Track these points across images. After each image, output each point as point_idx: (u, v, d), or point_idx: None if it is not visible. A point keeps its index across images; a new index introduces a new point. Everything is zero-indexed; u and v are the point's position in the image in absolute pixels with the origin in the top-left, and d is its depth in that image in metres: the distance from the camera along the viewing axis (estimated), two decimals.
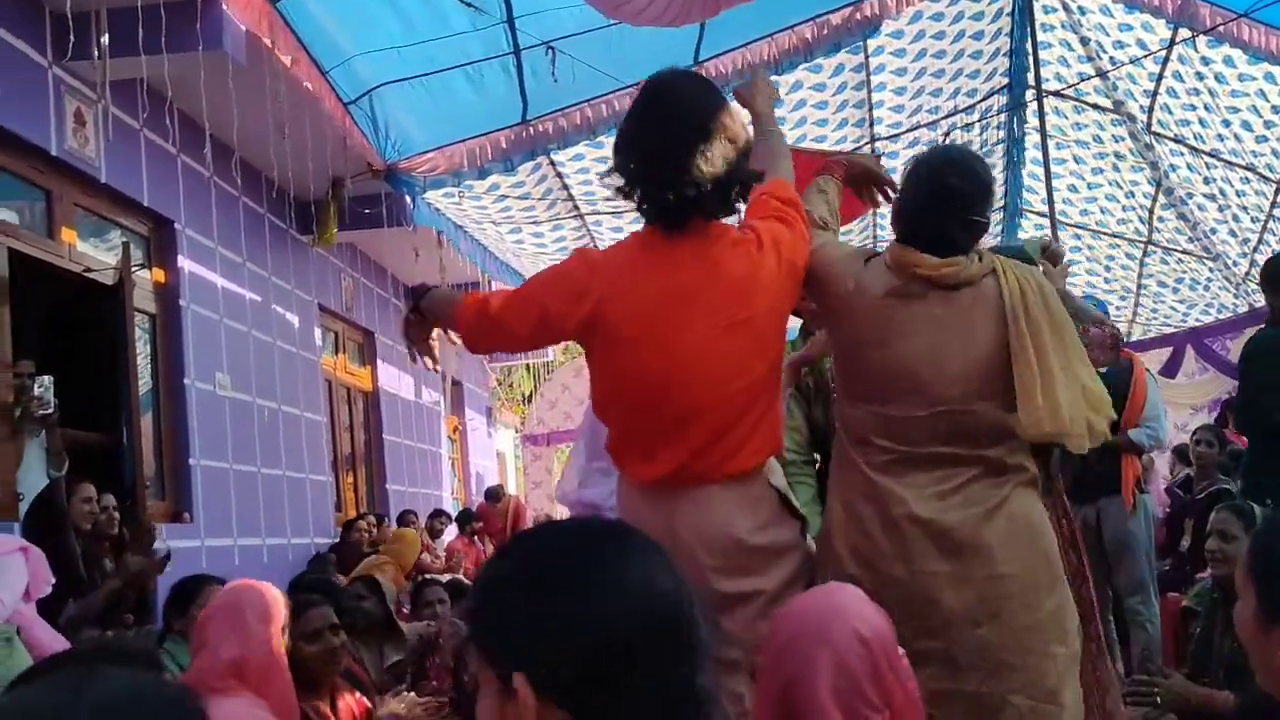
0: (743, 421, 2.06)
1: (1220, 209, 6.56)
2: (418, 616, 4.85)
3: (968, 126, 6.41)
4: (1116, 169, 6.70)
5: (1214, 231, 6.91)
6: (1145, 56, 5.74)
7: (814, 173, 3.45)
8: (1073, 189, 6.94)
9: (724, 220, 2.14)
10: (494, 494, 10.27)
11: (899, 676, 1.56)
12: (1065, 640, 2.14)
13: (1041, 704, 2.08)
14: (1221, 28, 5.04)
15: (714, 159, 2.01)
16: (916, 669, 1.79)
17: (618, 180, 2.10)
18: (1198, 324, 8.65)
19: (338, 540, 7.23)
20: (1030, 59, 5.74)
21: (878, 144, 6.44)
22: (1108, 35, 5.77)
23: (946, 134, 6.52)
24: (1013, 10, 5.83)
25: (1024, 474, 2.17)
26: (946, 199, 2.17)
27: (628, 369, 2.08)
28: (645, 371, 2.05)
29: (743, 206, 2.17)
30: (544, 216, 6.49)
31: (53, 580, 3.38)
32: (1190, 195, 6.63)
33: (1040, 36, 5.81)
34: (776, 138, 2.43)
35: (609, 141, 5.67)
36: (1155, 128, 6.15)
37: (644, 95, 2.11)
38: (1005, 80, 6.31)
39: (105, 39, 3.96)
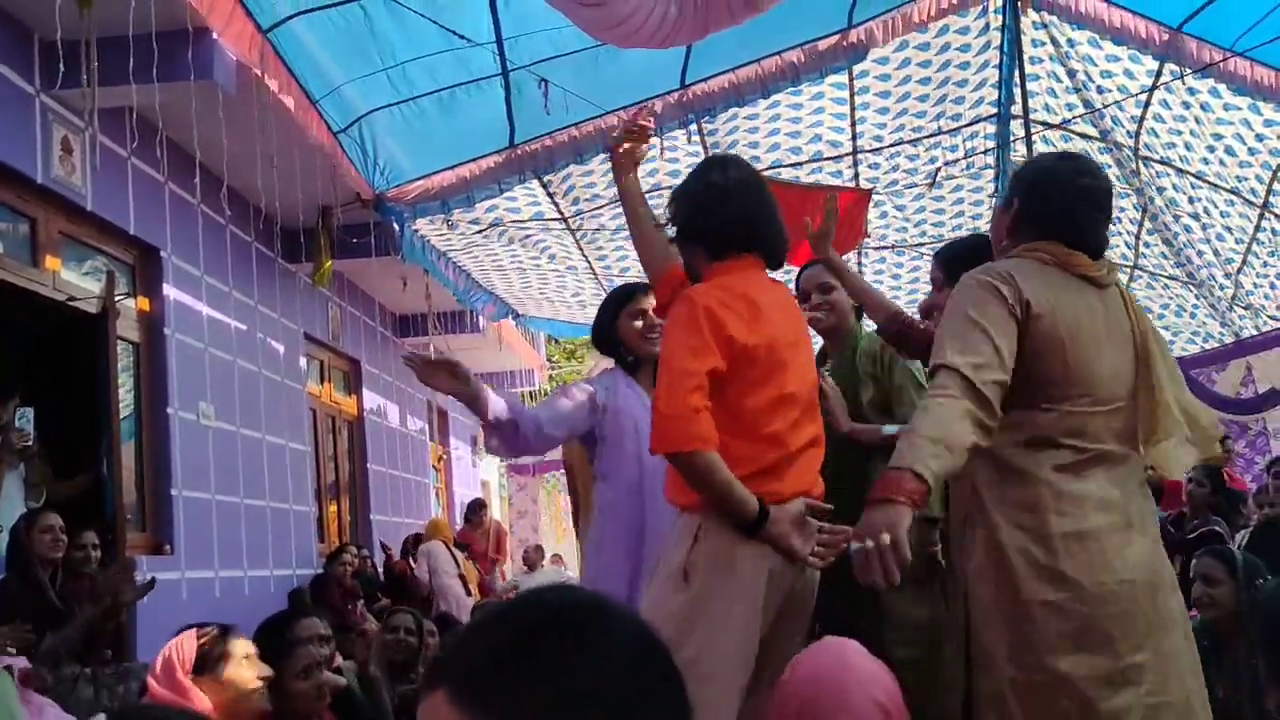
0: None
1: (1204, 228, 6.60)
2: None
3: (953, 147, 6.43)
4: None
5: (1200, 254, 6.95)
6: (1133, 97, 5.79)
7: (803, 210, 3.44)
8: None
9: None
10: (475, 507, 10.18)
11: None
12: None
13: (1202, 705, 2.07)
14: (1208, 63, 5.08)
15: None
16: (1128, 687, 1.87)
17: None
18: (1184, 354, 8.68)
19: (321, 571, 7.12)
20: (1019, 90, 5.79)
21: (860, 156, 6.46)
22: (1095, 65, 5.83)
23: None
24: (1001, 44, 5.87)
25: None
26: (1089, 197, 2.25)
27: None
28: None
29: None
30: (534, 228, 6.48)
31: None
32: (1177, 218, 6.67)
33: (1029, 69, 5.85)
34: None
35: (596, 163, 5.73)
36: (1142, 151, 6.20)
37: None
38: (994, 110, 6.35)
39: (94, 67, 3.92)
